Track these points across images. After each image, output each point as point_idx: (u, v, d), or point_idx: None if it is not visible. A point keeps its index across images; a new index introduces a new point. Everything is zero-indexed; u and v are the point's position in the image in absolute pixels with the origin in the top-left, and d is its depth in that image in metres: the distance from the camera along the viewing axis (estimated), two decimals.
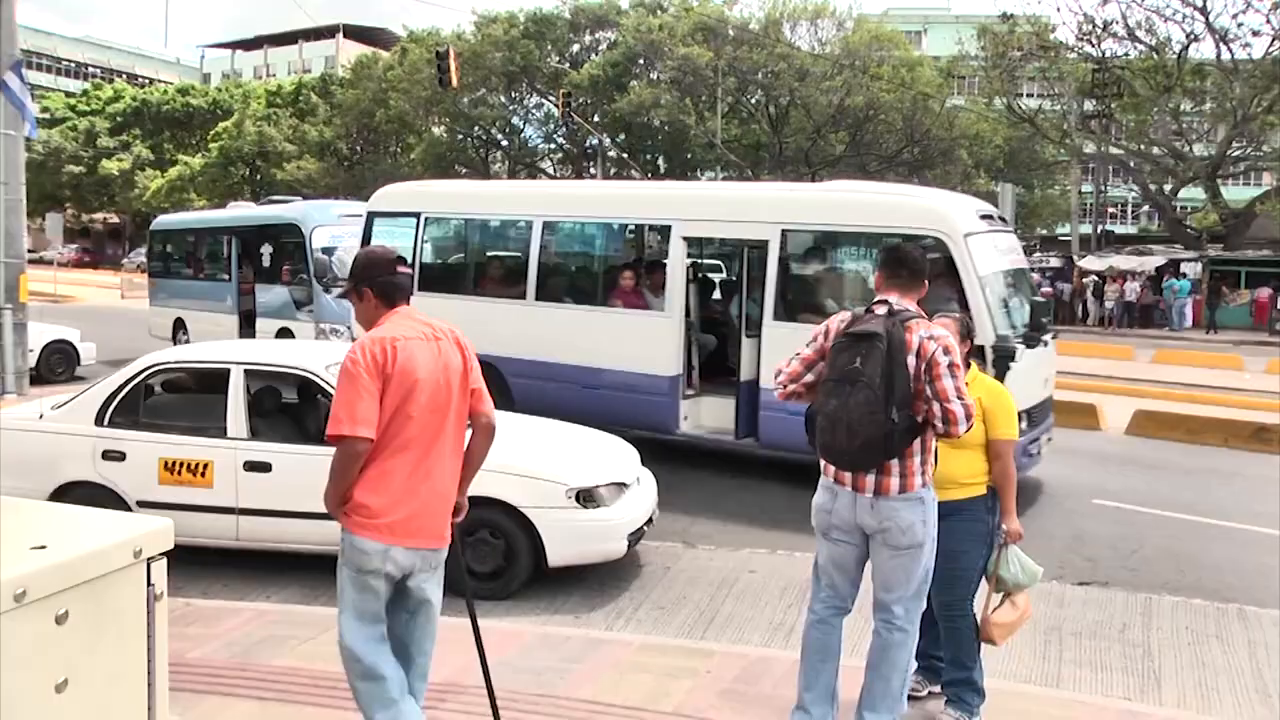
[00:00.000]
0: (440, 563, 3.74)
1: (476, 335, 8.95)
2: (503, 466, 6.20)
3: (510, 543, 6.26)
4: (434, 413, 3.54)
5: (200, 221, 20.89)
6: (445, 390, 3.57)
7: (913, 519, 3.89)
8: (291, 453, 6.39)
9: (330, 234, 14.95)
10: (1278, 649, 5.81)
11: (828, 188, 10.82)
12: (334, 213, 15.60)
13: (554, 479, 6.35)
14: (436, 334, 3.63)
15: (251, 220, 17.48)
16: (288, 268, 15.62)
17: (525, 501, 6.21)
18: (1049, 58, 37.04)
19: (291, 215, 15.89)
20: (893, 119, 40.25)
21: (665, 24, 43.41)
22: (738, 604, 6.33)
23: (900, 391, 3.73)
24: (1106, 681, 5.33)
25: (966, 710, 4.43)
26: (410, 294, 3.80)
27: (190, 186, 60.11)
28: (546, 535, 6.22)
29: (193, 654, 5.02)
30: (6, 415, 7.25)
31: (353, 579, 3.55)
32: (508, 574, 6.30)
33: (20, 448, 6.65)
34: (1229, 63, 33.58)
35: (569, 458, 6.80)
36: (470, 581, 6.08)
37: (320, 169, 53.86)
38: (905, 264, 4.04)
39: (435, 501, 3.60)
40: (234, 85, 72.13)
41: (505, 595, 6.25)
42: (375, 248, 3.90)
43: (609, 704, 4.57)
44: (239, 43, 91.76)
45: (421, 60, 46.13)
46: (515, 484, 6.22)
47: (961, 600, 4.44)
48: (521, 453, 6.54)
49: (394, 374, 3.44)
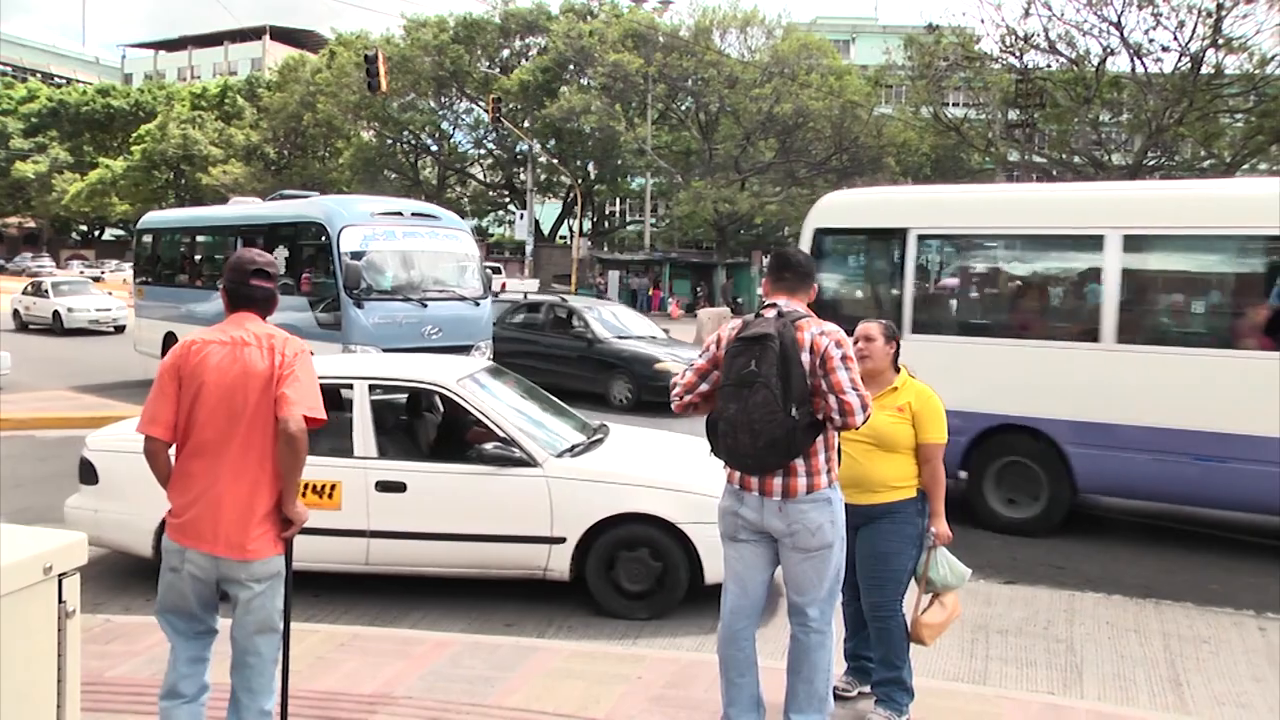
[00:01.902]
0: (266, 577, 3.54)
1: (1010, 388, 8.31)
2: (657, 482, 6.18)
3: (665, 560, 6.07)
4: (228, 418, 3.48)
5: (198, 220, 18.28)
6: (241, 396, 3.48)
7: (821, 520, 3.92)
8: (428, 472, 6.21)
9: (362, 235, 12.67)
10: (1190, 639, 6.00)
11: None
12: (365, 210, 13.26)
13: (709, 493, 6.08)
14: (244, 340, 3.55)
15: (263, 218, 15.08)
16: (307, 276, 13.22)
17: (681, 517, 6.02)
18: (974, 68, 37.85)
19: (315, 213, 13.37)
20: (821, 126, 40.77)
21: (595, 30, 43.53)
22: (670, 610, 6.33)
23: (798, 389, 3.77)
24: (1031, 677, 5.43)
25: (896, 709, 4.48)
26: (265, 307, 3.70)
27: (112, 190, 58.78)
28: (704, 551, 5.98)
29: (112, 672, 4.88)
30: (110, 435, 6.80)
31: (163, 575, 3.60)
32: (663, 593, 6.11)
33: (132, 470, 6.27)
34: (1143, 76, 34.69)
35: (718, 471, 6.61)
36: (622, 601, 6.11)
37: (247, 173, 53.00)
38: (790, 267, 4.11)
39: (222, 509, 3.47)
40: (157, 87, 70.68)
41: (660, 615, 6.09)
42: (245, 252, 3.75)
43: (540, 711, 4.53)
44: (162, 43, 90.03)
45: (350, 63, 45.68)
46: (671, 499, 6.07)
47: (891, 601, 4.48)
48: (674, 467, 6.44)
49: (186, 377, 3.51)
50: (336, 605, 6.28)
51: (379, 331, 12.15)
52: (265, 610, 3.55)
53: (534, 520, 6.09)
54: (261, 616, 3.55)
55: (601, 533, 6.08)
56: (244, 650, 3.58)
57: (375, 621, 6.01)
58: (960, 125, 40.18)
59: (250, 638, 3.56)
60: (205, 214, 18.68)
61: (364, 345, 11.96)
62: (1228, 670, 5.59)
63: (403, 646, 5.26)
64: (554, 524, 6.09)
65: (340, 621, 5.97)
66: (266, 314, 3.71)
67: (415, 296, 12.82)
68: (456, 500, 6.14)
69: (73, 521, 6.47)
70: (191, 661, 3.65)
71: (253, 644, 3.56)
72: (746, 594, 4.07)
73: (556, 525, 6.09)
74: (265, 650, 3.59)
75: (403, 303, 12.66)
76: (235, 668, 3.61)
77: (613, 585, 6.14)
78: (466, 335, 13.11)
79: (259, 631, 3.55)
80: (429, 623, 5.99)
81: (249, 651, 3.57)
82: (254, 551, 3.48)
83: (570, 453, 6.40)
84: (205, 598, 3.59)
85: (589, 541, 6.10)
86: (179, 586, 3.56)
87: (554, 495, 6.08)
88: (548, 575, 6.17)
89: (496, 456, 6.16)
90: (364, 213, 13.08)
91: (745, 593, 4.07)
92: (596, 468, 6.30)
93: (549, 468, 6.14)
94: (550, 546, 6.10)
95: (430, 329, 12.73)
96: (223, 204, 18.95)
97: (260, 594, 3.53)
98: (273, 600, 3.57)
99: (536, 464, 6.13)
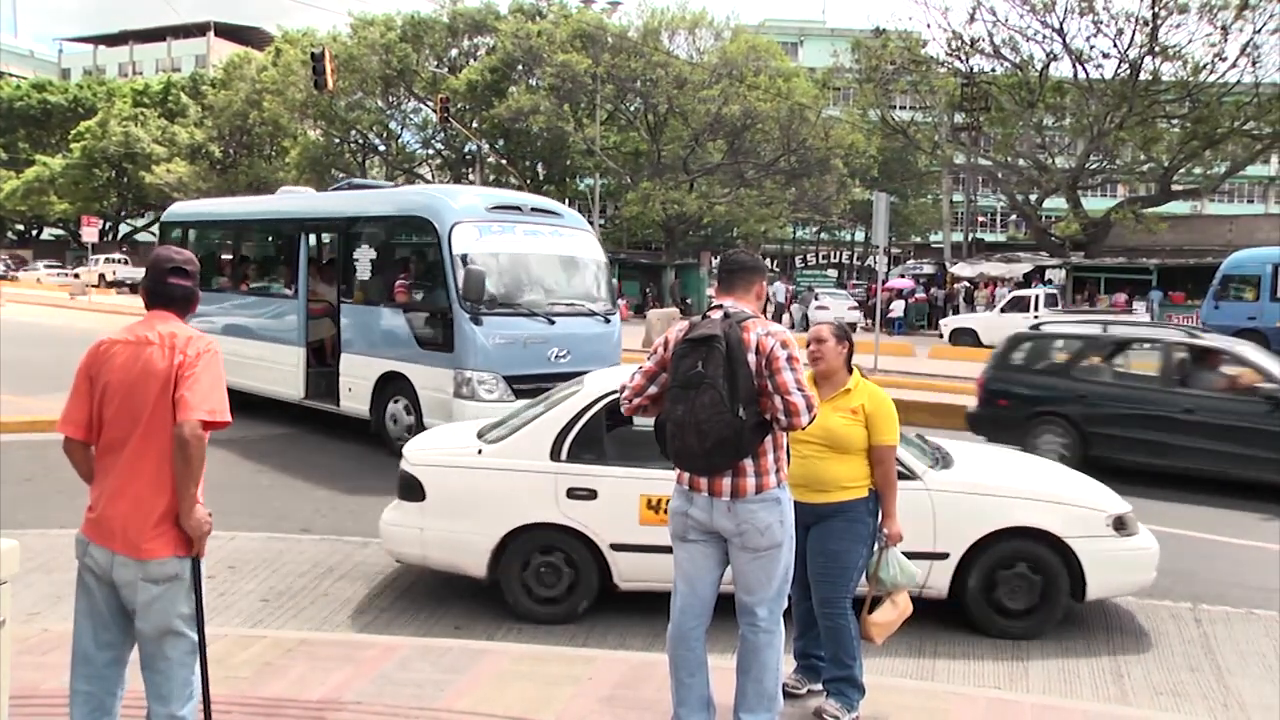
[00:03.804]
0: (163, 578, 3.44)
1: None
2: (1041, 494, 6.01)
3: (1045, 575, 5.88)
4: (128, 418, 3.45)
5: (245, 212, 15.24)
6: (140, 397, 3.44)
7: (770, 520, 3.95)
8: None
9: (478, 234, 10.42)
10: (1131, 632, 6.17)
11: None
12: (478, 204, 10.90)
13: (1093, 505, 6.01)
14: (148, 339, 3.50)
15: (339, 212, 12.38)
16: (403, 283, 11.04)
17: (1066, 531, 5.84)
18: (920, 72, 38.40)
19: (417, 206, 11.21)
20: (769, 128, 41.02)
21: (544, 30, 43.41)
22: (619, 610, 6.32)
23: (744, 389, 3.79)
24: (979, 672, 5.51)
25: (847, 704, 4.52)
26: (183, 305, 3.66)
27: (50, 189, 57.53)
28: (1089, 566, 5.83)
29: (49, 684, 4.75)
30: (432, 448, 6.62)
31: (78, 570, 3.58)
32: (1043, 610, 5.92)
33: (465, 486, 6.12)
34: (1085, 81, 35.42)
35: (1092, 483, 6.47)
36: (1002, 621, 5.87)
37: (192, 172, 52.24)
38: (736, 268, 4.16)
39: (120, 507, 3.44)
40: (97, 83, 69.24)
41: (1037, 635, 5.92)
42: (163, 249, 3.71)
43: (489, 714, 4.51)
44: (101, 37, 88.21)
45: (296, 61, 45.16)
46: (1056, 512, 5.90)
47: (841, 599, 4.52)
48: (1055, 480, 6.26)
49: (95, 376, 3.52)
50: (283, 610, 6.20)
51: (499, 354, 9.97)
52: (166, 614, 3.46)
53: (915, 535, 5.65)
54: (161, 620, 3.45)
55: (983, 548, 5.88)
56: (151, 655, 3.51)
57: (323, 626, 5.94)
58: (907, 128, 40.73)
59: (153, 642, 3.48)
60: (258, 206, 15.74)
61: (480, 371, 9.92)
62: (1165, 661, 5.74)
63: (351, 651, 5.20)
64: (937, 539, 5.84)
65: (287, 627, 5.89)
66: (185, 313, 3.66)
67: (540, 311, 10.50)
68: None
69: (394, 539, 6.30)
70: (92, 710, 3.51)
71: (158, 649, 3.48)
72: (696, 594, 4.08)
73: (940, 540, 5.85)
74: (173, 654, 3.49)
75: (526, 318, 10.34)
76: (144, 675, 3.54)
77: (990, 603, 5.95)
78: (596, 359, 10.20)
79: (161, 635, 3.47)
80: (377, 627, 5.93)
81: (157, 656, 3.49)
82: (149, 551, 3.41)
83: (937, 466, 6.16)
84: (111, 602, 3.50)
85: (970, 557, 5.89)
86: (89, 585, 3.52)
87: (937, 509, 5.83)
88: (924, 593, 5.79)
89: None
90: (477, 207, 10.78)
91: (695, 592, 4.08)
92: (978, 480, 6.10)
93: (929, 480, 5.90)
94: (931, 563, 5.80)
95: (556, 351, 10.43)
96: (225, 201, 17.03)
97: (159, 596, 3.44)
98: (173, 604, 3.47)
99: (916, 476, 5.85)
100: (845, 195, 44.50)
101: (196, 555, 3.51)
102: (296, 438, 11.84)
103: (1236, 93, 33.85)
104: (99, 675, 3.52)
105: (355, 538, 7.69)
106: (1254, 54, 32.54)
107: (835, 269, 51.52)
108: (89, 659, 3.52)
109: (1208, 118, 33.43)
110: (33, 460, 9.75)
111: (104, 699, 3.53)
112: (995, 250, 45.75)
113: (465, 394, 9.86)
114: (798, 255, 66.75)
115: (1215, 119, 33.37)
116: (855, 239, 65.35)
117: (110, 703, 3.55)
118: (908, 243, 58.97)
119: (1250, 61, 32.72)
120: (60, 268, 56.39)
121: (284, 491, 9.35)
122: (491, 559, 6.00)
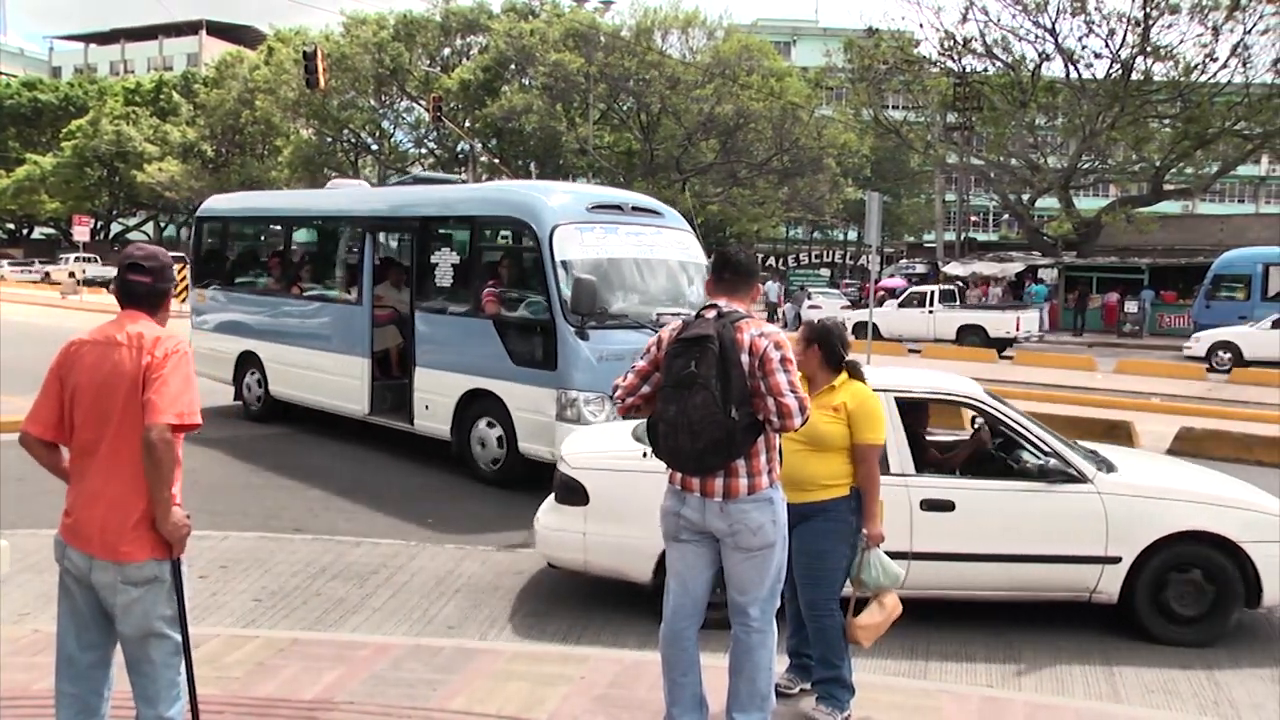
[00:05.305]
0: (141, 581, 3.41)
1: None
2: (1216, 498, 5.96)
3: (1218, 580, 5.80)
4: (99, 420, 3.42)
5: (294, 208, 13.87)
6: (109, 399, 3.41)
7: (763, 520, 3.94)
8: (974, 489, 5.88)
9: (581, 238, 9.33)
10: (1124, 631, 6.12)
11: None
12: (578, 204, 9.76)
13: (1267, 509, 5.92)
14: (117, 340, 3.45)
15: (416, 209, 10.89)
16: (493, 290, 9.72)
17: (1242, 535, 5.76)
18: (913, 72, 38.45)
19: (514, 205, 9.86)
20: (762, 128, 41.08)
21: (537, 29, 43.43)
22: (613, 609, 6.32)
23: (737, 390, 3.78)
24: (972, 672, 5.52)
25: (838, 705, 4.52)
26: (150, 304, 3.56)
27: (41, 188, 57.33)
28: (1264, 570, 5.72)
29: (40, 685, 4.73)
30: (594, 451, 6.47)
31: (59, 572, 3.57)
32: (1216, 616, 5.86)
33: (630, 490, 5.98)
34: (1077, 81, 35.54)
35: (1253, 488, 6.37)
36: (1174, 630, 5.81)
37: (184, 171, 52.10)
38: (730, 267, 4.13)
39: (93, 508, 3.42)
40: (88, 81, 69.04)
41: (1210, 643, 5.86)
42: (132, 246, 3.67)
43: (482, 714, 4.50)
44: (93, 35, 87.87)
45: (289, 60, 45.12)
46: (1231, 516, 5.83)
47: (827, 600, 4.52)
48: (1222, 483, 6.22)
49: (65, 377, 3.49)
50: (276, 610, 6.18)
51: (606, 369, 8.26)
52: (146, 616, 3.42)
53: (1088, 539, 5.79)
54: (142, 622, 3.42)
55: (1155, 552, 5.82)
56: (135, 658, 3.49)
57: (315, 626, 5.92)
58: (900, 127, 40.78)
59: (135, 644, 3.46)
60: (309, 202, 14.44)
61: (586, 391, 8.73)
62: (1157, 659, 5.74)
63: (344, 651, 5.19)
64: (1109, 543, 5.80)
65: (279, 627, 5.88)
66: (154, 312, 3.56)
67: (648, 323, 9.01)
68: (1004, 519, 5.86)
69: (553, 544, 6.22)
70: (78, 712, 3.50)
71: (141, 651, 3.46)
72: (689, 594, 4.08)
73: (1112, 545, 5.81)
74: (156, 656, 3.46)
75: (634, 331, 8.92)
76: (130, 677, 3.52)
77: (1159, 609, 5.90)
78: None
79: (143, 637, 3.44)
80: (370, 627, 5.92)
81: (140, 659, 3.48)
82: (126, 554, 3.38)
83: (1103, 469, 6.06)
84: (92, 604, 3.47)
85: (1141, 562, 5.83)
86: (69, 587, 3.50)
87: (1109, 512, 5.79)
88: (1094, 599, 5.90)
89: (1048, 471, 5.91)
90: (578, 208, 9.66)
91: (687, 592, 4.08)
92: (1150, 483, 6.07)
93: (1100, 483, 5.86)
94: (1103, 567, 5.81)
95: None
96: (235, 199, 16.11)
97: (138, 599, 3.41)
98: (153, 606, 3.43)
99: (1087, 479, 5.85)
100: (838, 195, 44.63)
101: (176, 558, 3.48)
102: (289, 437, 11.81)
103: (1227, 93, 34.05)
104: (83, 676, 3.50)
105: (348, 537, 7.67)
106: (1245, 54, 32.79)
107: (828, 268, 51.69)
108: (73, 660, 3.50)
109: (1199, 118, 33.57)
110: (24, 460, 9.62)
111: (89, 700, 3.51)
112: (988, 250, 45.84)
113: (570, 416, 8.72)
114: (791, 254, 66.82)
115: (1206, 119, 33.53)
116: (848, 238, 65.37)
117: (96, 703, 3.52)
118: (900, 242, 59.05)
119: (1241, 62, 32.98)
120: (27, 265, 54.97)
121: (277, 491, 9.33)
122: (656, 564, 5.85)
